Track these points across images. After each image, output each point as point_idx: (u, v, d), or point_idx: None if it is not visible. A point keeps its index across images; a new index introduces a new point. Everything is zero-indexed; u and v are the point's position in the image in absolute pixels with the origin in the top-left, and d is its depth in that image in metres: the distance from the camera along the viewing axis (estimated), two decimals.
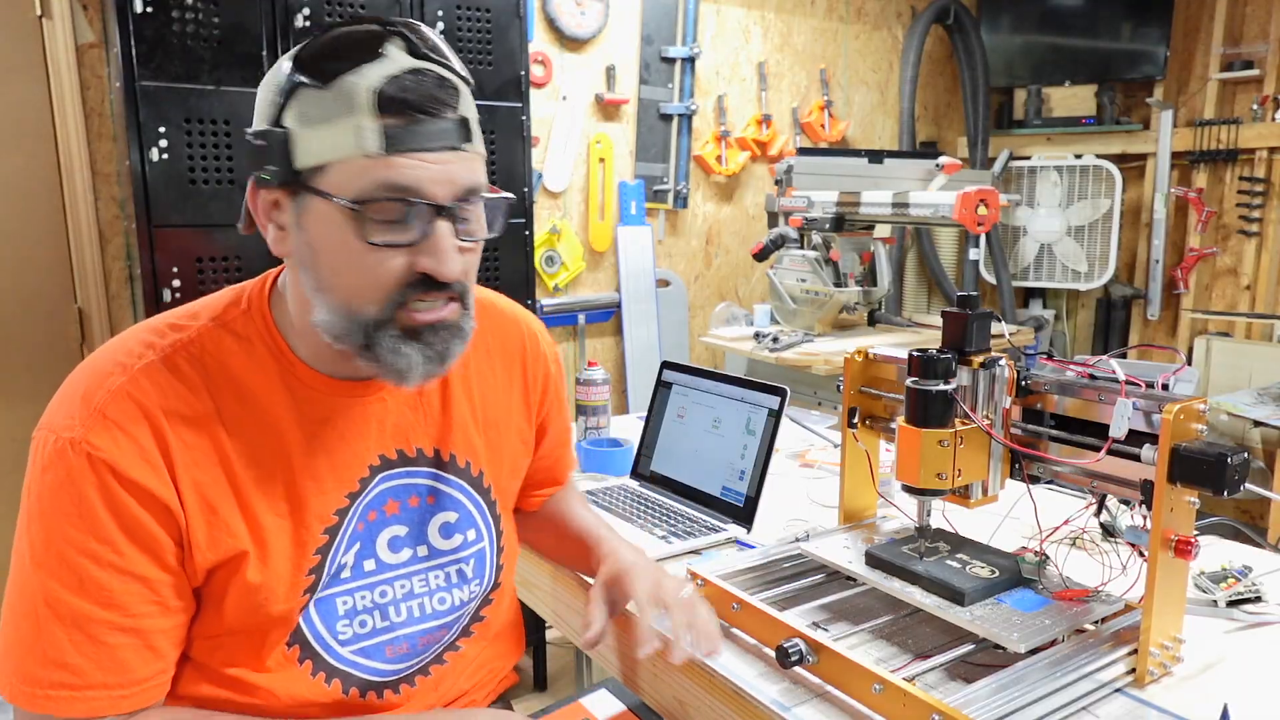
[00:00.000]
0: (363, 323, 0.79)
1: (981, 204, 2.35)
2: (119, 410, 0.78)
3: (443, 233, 0.78)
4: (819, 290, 2.74)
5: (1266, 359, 3.35)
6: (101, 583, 0.76)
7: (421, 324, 0.80)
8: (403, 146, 0.75)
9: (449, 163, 0.78)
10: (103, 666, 0.77)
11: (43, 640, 0.76)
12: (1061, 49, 3.90)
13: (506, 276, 2.41)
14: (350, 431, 0.89)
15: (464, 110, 0.79)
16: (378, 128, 0.74)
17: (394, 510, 0.92)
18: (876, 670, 0.84)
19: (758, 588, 1.10)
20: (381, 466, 0.91)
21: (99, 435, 0.76)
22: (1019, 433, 1.02)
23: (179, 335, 0.83)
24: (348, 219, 0.77)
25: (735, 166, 3.51)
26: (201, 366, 0.83)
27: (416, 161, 0.76)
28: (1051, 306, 4.17)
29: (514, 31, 2.34)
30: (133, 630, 0.78)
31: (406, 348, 0.80)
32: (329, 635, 0.88)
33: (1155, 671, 0.90)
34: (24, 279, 2.34)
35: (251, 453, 0.83)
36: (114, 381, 0.79)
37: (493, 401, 1.02)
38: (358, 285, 0.79)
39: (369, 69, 0.75)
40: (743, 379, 1.42)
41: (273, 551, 0.84)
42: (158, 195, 1.89)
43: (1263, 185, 3.51)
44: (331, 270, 0.80)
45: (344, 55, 0.76)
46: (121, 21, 1.82)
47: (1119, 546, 1.08)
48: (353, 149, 0.75)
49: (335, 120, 0.75)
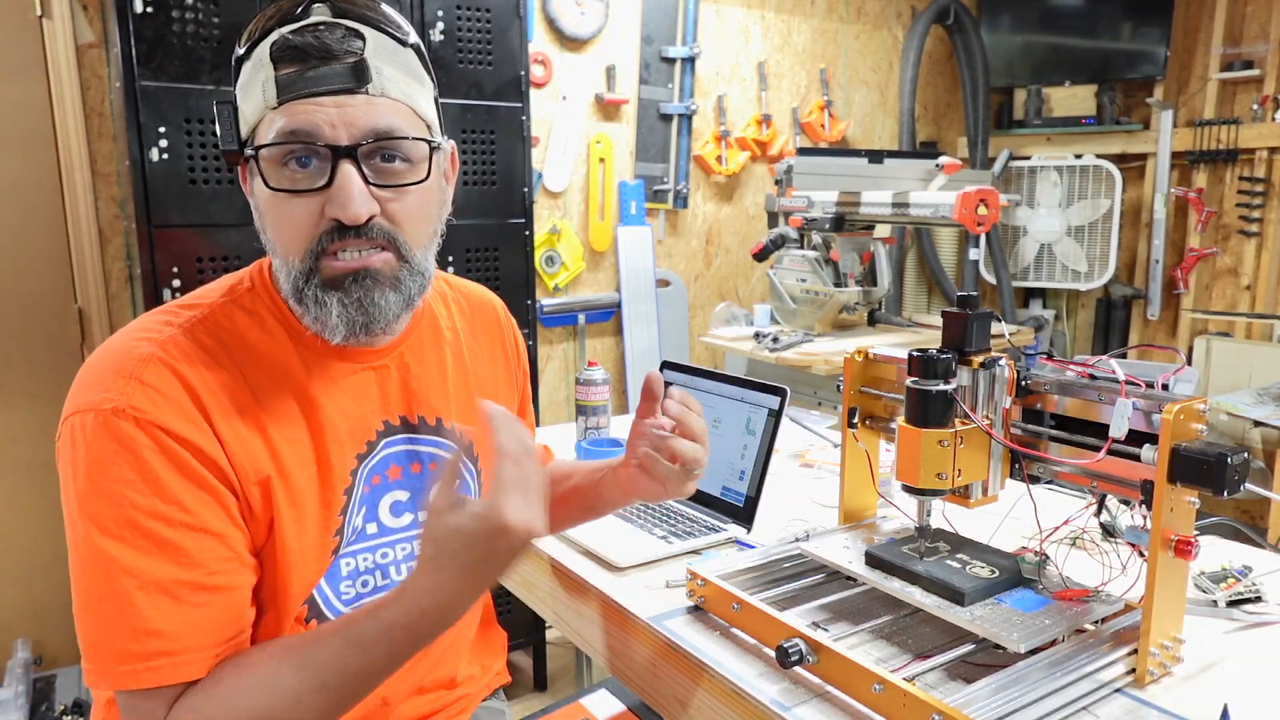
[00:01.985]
0: (293, 275, 0.81)
1: (981, 204, 2.35)
2: (155, 375, 0.78)
3: (345, 174, 0.78)
4: (819, 290, 2.74)
5: (1266, 359, 3.35)
6: (178, 543, 0.75)
7: (340, 271, 0.81)
8: (293, 92, 0.77)
9: (347, 105, 0.78)
10: (195, 628, 0.76)
11: (128, 614, 0.74)
12: (1061, 49, 3.90)
13: (506, 276, 2.41)
14: (358, 397, 0.90)
15: (368, 55, 0.79)
16: (274, 78, 0.78)
17: (396, 475, 0.93)
18: (876, 670, 0.84)
19: (758, 588, 1.10)
20: (386, 432, 0.93)
21: (141, 400, 0.76)
22: (1019, 433, 1.02)
23: (193, 313, 0.85)
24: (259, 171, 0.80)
25: (735, 166, 3.51)
26: (219, 339, 0.84)
27: (311, 106, 0.77)
28: (1051, 306, 4.17)
29: (514, 31, 2.34)
30: (215, 589, 0.77)
31: (327, 296, 0.81)
32: (334, 595, 0.89)
33: (1155, 671, 0.90)
34: (24, 279, 2.34)
35: (277, 412, 0.84)
36: (143, 350, 0.79)
37: (483, 375, 1.05)
38: (279, 235, 0.82)
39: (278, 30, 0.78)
40: (743, 379, 1.42)
41: (306, 512, 0.84)
42: (158, 195, 1.89)
43: (1263, 185, 3.51)
44: (268, 227, 0.83)
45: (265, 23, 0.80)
46: (121, 21, 1.82)
47: (1119, 546, 1.08)
48: (261, 104, 0.79)
49: (252, 83, 0.79)
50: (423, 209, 0.85)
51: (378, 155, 0.80)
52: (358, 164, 0.79)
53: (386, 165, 0.81)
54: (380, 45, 0.80)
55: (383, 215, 0.81)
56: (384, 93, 0.80)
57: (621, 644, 1.13)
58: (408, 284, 0.84)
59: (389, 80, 0.80)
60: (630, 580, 1.18)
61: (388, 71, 0.80)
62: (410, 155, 0.82)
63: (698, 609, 1.09)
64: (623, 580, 1.18)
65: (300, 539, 0.84)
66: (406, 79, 0.82)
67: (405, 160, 0.82)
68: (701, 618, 1.07)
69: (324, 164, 0.78)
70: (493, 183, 2.37)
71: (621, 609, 1.11)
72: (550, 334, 3.23)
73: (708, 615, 1.07)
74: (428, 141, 0.84)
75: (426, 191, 0.85)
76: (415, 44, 0.85)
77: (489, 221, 2.37)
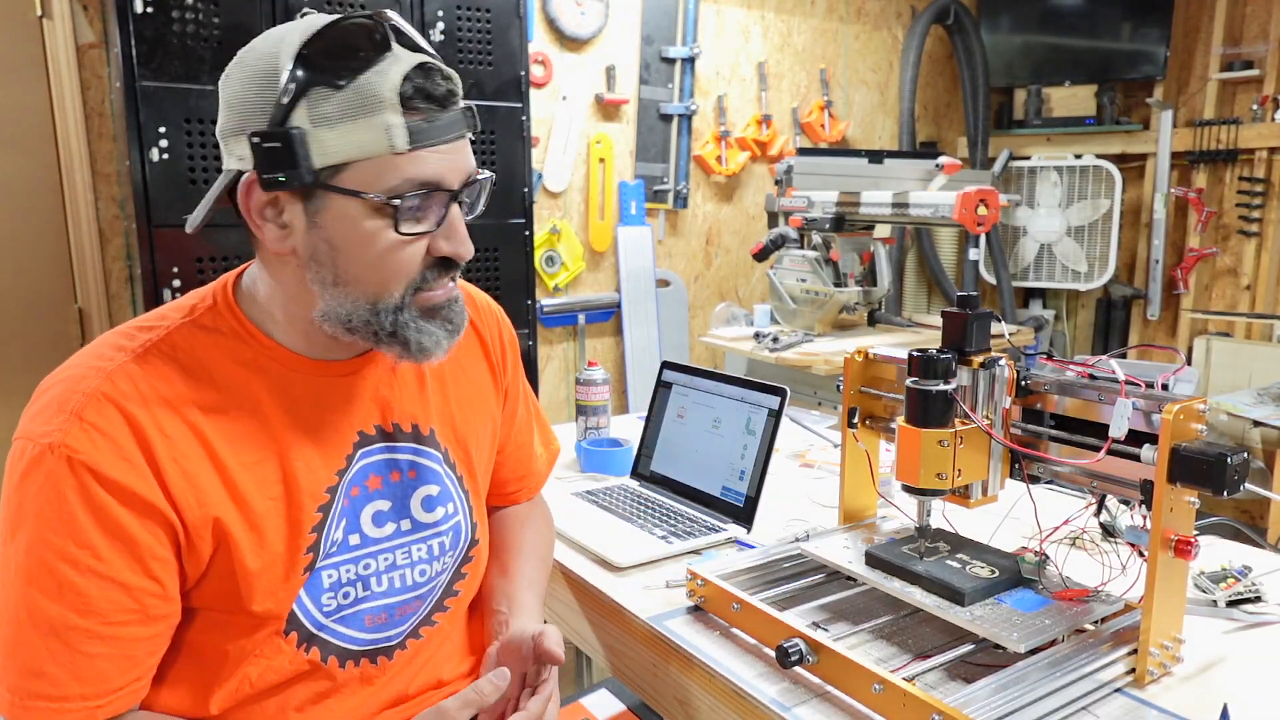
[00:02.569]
0: (386, 309, 0.83)
1: (981, 204, 2.35)
2: (96, 412, 0.77)
3: (458, 217, 0.84)
4: (819, 290, 2.74)
5: (1266, 359, 3.35)
6: (80, 589, 0.75)
7: (440, 303, 0.86)
8: (426, 140, 0.79)
9: (460, 151, 0.83)
10: (79, 677, 0.76)
11: (22, 649, 0.76)
12: (1061, 49, 3.90)
13: (506, 276, 2.41)
14: (334, 409, 0.90)
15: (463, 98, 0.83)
16: (403, 124, 0.77)
17: (376, 485, 0.94)
18: (876, 670, 0.84)
19: (758, 588, 1.10)
20: (362, 442, 0.93)
21: (77, 438, 0.76)
22: (1019, 433, 1.02)
23: (149, 335, 0.84)
24: (377, 214, 0.79)
25: (735, 166, 3.51)
26: (175, 361, 0.83)
27: (438, 154, 0.80)
28: (1051, 306, 4.17)
29: (514, 31, 2.34)
30: (111, 639, 0.77)
31: (431, 326, 0.85)
32: (315, 608, 0.89)
33: (1155, 671, 0.90)
34: (24, 279, 2.34)
35: (236, 438, 0.83)
36: (89, 384, 0.79)
37: (460, 372, 1.04)
38: (386, 275, 0.82)
39: (385, 66, 0.77)
40: (743, 379, 1.42)
41: (268, 534, 0.84)
42: (158, 195, 1.89)
43: (1262, 185, 3.51)
44: (356, 264, 0.82)
45: (354, 53, 0.77)
46: (121, 21, 1.82)
47: (1119, 546, 1.08)
48: (383, 146, 0.77)
49: (359, 118, 0.77)
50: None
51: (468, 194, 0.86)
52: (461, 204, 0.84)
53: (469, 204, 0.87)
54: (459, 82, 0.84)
55: None
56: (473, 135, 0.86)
57: (621, 644, 1.13)
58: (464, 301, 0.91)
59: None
60: (630, 580, 1.18)
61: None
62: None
63: (698, 609, 1.09)
64: (623, 580, 1.18)
65: (261, 560, 0.84)
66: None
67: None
68: (701, 618, 1.07)
69: (440, 207, 0.82)
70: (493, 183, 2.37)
71: (621, 609, 1.11)
72: (550, 334, 3.23)
73: (708, 615, 1.07)
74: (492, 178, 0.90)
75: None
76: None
77: (489, 221, 2.37)
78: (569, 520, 1.36)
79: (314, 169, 0.77)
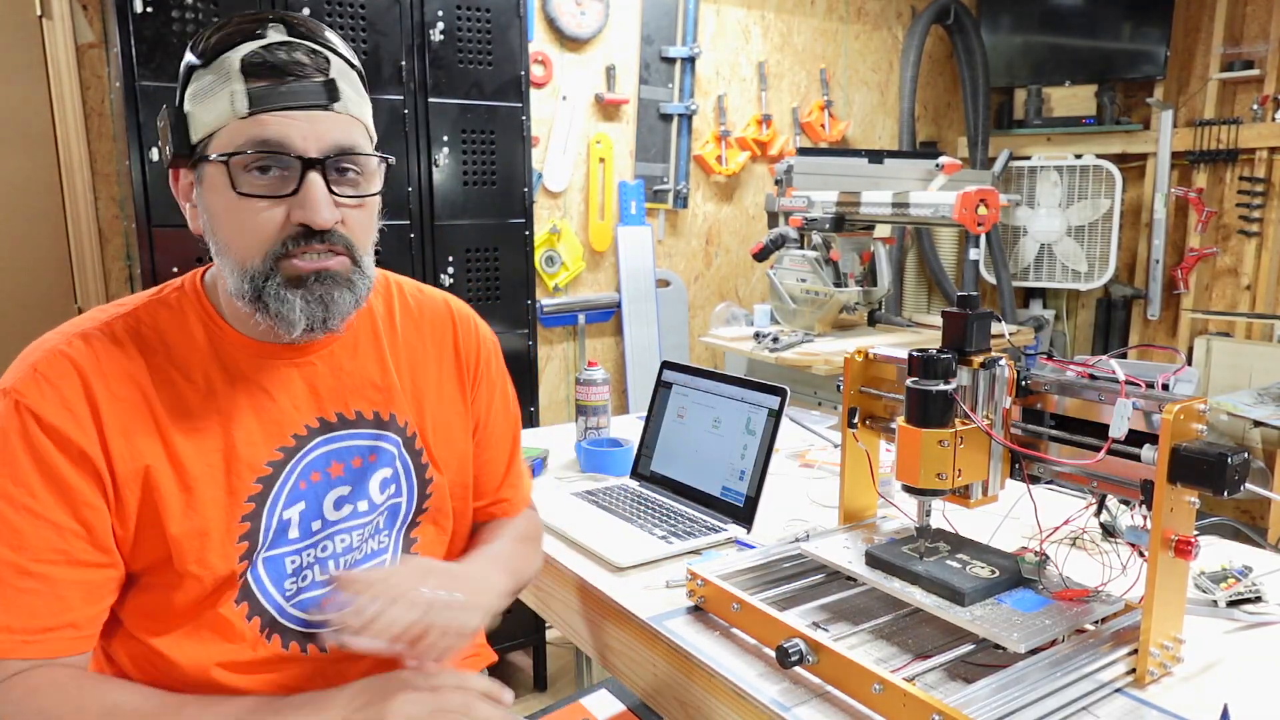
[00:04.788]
0: (251, 274, 0.86)
1: (981, 204, 2.35)
2: (50, 366, 0.85)
3: (313, 183, 0.85)
4: (819, 290, 2.74)
5: (1266, 359, 3.35)
6: (13, 524, 0.81)
7: (304, 271, 0.87)
8: (267, 104, 0.83)
9: (317, 121, 0.85)
10: (7, 608, 0.80)
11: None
12: (1061, 49, 3.90)
13: (506, 276, 2.41)
14: (280, 391, 0.94)
15: (335, 75, 0.86)
16: (244, 90, 0.82)
17: (339, 472, 0.97)
18: (876, 670, 0.84)
19: (758, 588, 1.10)
20: (321, 429, 0.96)
21: (28, 386, 0.83)
22: (1019, 433, 1.02)
23: (119, 309, 0.92)
24: (225, 176, 0.84)
25: (735, 166, 3.51)
26: (136, 334, 0.90)
27: (283, 118, 0.83)
28: (1051, 306, 4.17)
29: (514, 31, 2.34)
30: (40, 576, 0.81)
31: (290, 294, 0.86)
32: (277, 593, 0.93)
33: (1155, 671, 0.90)
34: (24, 279, 2.34)
35: (181, 407, 0.89)
36: (50, 343, 0.87)
37: (421, 370, 1.06)
38: (240, 238, 0.86)
39: (244, 45, 0.84)
40: (743, 379, 1.42)
41: (201, 497, 0.88)
42: (158, 195, 1.89)
43: (1263, 185, 3.51)
44: (223, 229, 0.87)
45: (226, 38, 0.85)
46: (121, 21, 1.82)
47: (1119, 546, 1.08)
48: (228, 113, 0.83)
49: (215, 92, 0.84)
50: (371, 218, 0.93)
51: (338, 168, 0.87)
52: (324, 174, 0.85)
53: (345, 177, 0.88)
54: (340, 67, 0.88)
55: (340, 223, 0.88)
56: (347, 110, 0.87)
57: (621, 644, 1.13)
58: (360, 285, 0.91)
59: (350, 99, 0.88)
60: (630, 580, 1.18)
61: (348, 91, 0.88)
62: (366, 169, 0.90)
63: (698, 609, 1.09)
64: (623, 580, 1.18)
65: (191, 522, 0.87)
66: (359, 99, 0.90)
67: (359, 173, 0.89)
68: (701, 618, 1.07)
69: (290, 173, 0.85)
70: (493, 183, 2.37)
71: (621, 609, 1.11)
72: (550, 334, 3.23)
73: (708, 615, 1.07)
74: (382, 157, 0.92)
75: (375, 202, 0.92)
76: (360, 69, 0.93)
77: (489, 221, 2.37)
78: (569, 520, 1.36)
79: (191, 143, 0.86)
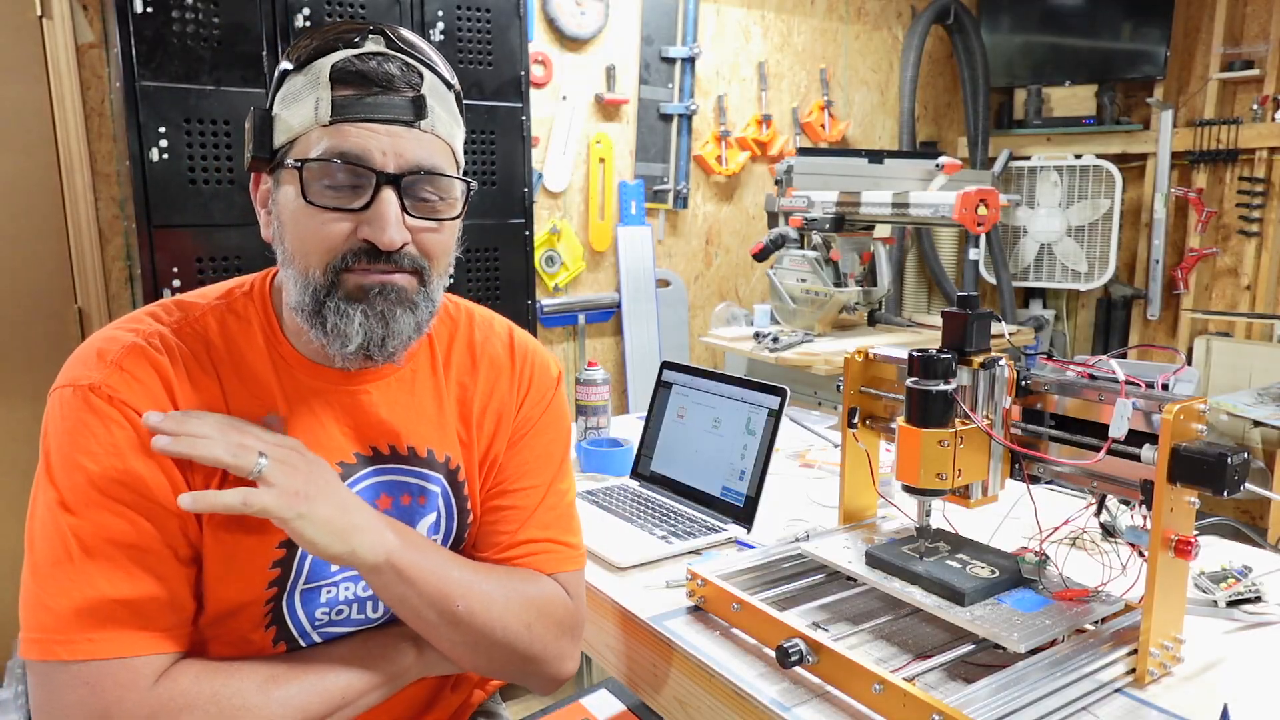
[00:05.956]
0: (313, 287, 0.82)
1: (981, 204, 2.35)
2: (134, 363, 0.82)
3: (386, 201, 0.81)
4: (819, 290, 2.74)
5: (1266, 359, 3.35)
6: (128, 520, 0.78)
7: (366, 285, 0.83)
8: (350, 114, 0.80)
9: (399, 136, 0.81)
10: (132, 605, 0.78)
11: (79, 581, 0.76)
12: (1061, 49, 3.90)
13: (506, 276, 2.41)
14: (329, 417, 0.90)
15: (425, 92, 0.82)
16: (330, 98, 0.79)
17: (386, 505, 0.93)
18: (876, 670, 0.84)
19: (758, 588, 1.10)
20: (373, 459, 0.92)
21: (117, 382, 0.80)
22: (1019, 433, 1.02)
23: (184, 313, 0.88)
24: (298, 182, 0.81)
25: (735, 166, 3.50)
26: (204, 341, 0.87)
27: (364, 130, 0.80)
28: (1051, 306, 4.17)
29: (514, 31, 2.34)
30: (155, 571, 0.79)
31: (351, 309, 0.82)
32: (307, 622, 0.90)
33: (1155, 671, 0.90)
34: (24, 279, 2.34)
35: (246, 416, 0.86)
36: (127, 339, 0.84)
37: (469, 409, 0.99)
38: (303, 247, 0.82)
39: (339, 53, 0.81)
40: (743, 379, 1.42)
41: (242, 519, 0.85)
42: (158, 195, 1.89)
43: (1263, 185, 3.51)
44: (288, 237, 0.84)
45: (323, 44, 0.81)
46: (121, 21, 1.82)
47: (1119, 546, 1.08)
48: (311, 119, 0.80)
49: (303, 97, 0.81)
50: (449, 243, 0.88)
51: (417, 188, 0.83)
52: (399, 193, 0.82)
53: (422, 198, 0.84)
54: (434, 85, 0.84)
55: (413, 244, 0.84)
56: (433, 130, 0.83)
57: (621, 644, 1.13)
58: (423, 308, 0.86)
59: (438, 119, 0.84)
60: (630, 580, 1.18)
61: (438, 110, 0.84)
62: (447, 193, 0.86)
63: (698, 609, 1.09)
64: (623, 580, 1.18)
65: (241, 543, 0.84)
66: (450, 120, 0.86)
67: (440, 197, 0.85)
68: (701, 618, 1.07)
69: (364, 187, 0.81)
70: (493, 183, 2.37)
71: (621, 609, 1.11)
72: (550, 334, 3.22)
73: (708, 615, 1.07)
74: (465, 181, 0.88)
75: (454, 227, 0.88)
76: (458, 90, 0.89)
77: (489, 221, 2.37)
78: None
79: (273, 147, 0.83)
